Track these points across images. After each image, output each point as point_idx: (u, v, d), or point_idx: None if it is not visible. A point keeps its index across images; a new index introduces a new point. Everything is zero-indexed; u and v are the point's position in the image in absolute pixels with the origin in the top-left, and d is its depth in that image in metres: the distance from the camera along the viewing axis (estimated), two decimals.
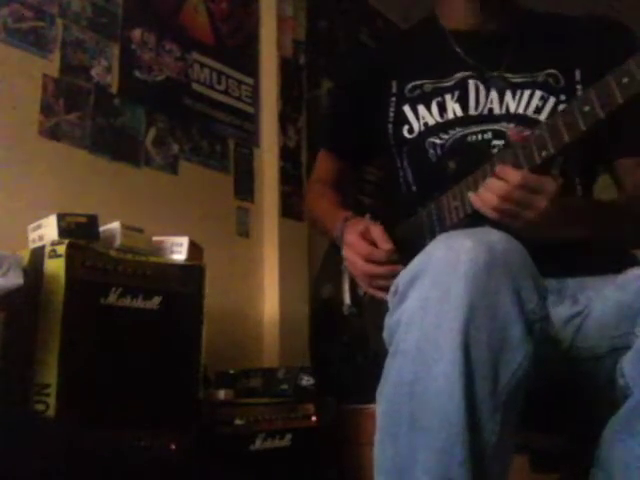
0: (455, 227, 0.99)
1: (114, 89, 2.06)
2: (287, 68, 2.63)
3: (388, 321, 0.81)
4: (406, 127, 1.18)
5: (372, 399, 0.80)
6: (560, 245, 0.98)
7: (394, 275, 1.04)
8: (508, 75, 1.13)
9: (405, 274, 0.79)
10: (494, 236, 0.76)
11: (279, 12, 2.64)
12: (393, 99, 1.20)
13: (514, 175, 0.90)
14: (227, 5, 2.53)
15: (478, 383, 0.70)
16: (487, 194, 0.93)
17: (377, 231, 1.07)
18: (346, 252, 1.12)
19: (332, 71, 2.93)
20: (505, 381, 0.71)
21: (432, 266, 0.75)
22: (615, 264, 0.96)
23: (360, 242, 1.08)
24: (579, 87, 1.10)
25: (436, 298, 0.73)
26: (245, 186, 2.45)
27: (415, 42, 1.27)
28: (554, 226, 0.94)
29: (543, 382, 0.76)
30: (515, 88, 1.12)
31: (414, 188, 1.18)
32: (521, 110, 1.10)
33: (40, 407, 1.25)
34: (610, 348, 0.86)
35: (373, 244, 1.07)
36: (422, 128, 1.15)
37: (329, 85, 2.93)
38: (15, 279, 1.21)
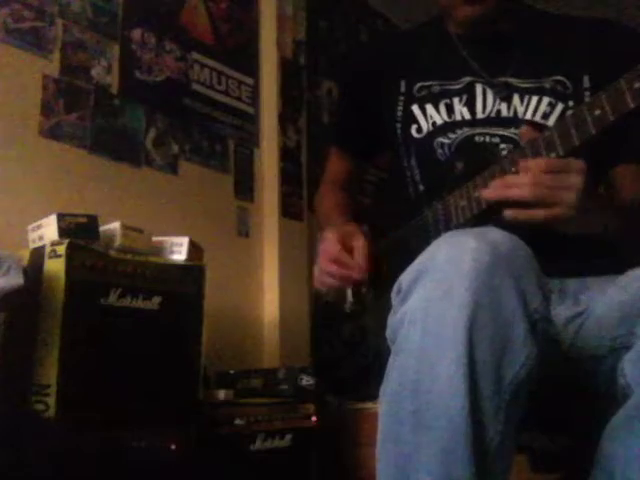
0: (461, 227, 0.99)
1: (114, 89, 2.05)
2: (287, 68, 2.63)
3: (391, 320, 0.81)
4: (414, 127, 1.18)
5: (373, 396, 0.80)
6: (561, 245, 0.98)
7: (343, 278, 1.06)
8: (514, 80, 1.12)
9: (408, 273, 0.79)
10: (498, 235, 0.76)
11: (279, 12, 2.64)
12: (401, 98, 1.20)
13: (535, 162, 0.88)
14: (227, 5, 2.53)
15: (482, 382, 0.69)
16: (515, 188, 0.89)
17: (360, 243, 1.09)
18: (320, 246, 1.13)
19: (332, 71, 2.94)
20: (509, 380, 0.71)
21: (435, 265, 0.75)
22: (616, 265, 0.96)
23: (334, 245, 1.10)
24: (587, 94, 1.09)
25: (439, 297, 0.72)
26: (245, 186, 2.45)
27: (422, 43, 1.26)
28: (590, 209, 0.90)
29: (544, 382, 0.76)
30: (523, 93, 1.11)
31: (421, 187, 1.18)
32: (529, 115, 1.10)
33: (40, 407, 1.25)
34: (611, 348, 0.86)
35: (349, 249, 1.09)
36: (430, 128, 1.15)
37: (329, 85, 2.93)
38: (15, 279, 1.21)
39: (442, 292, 0.73)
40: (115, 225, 1.46)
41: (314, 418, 1.72)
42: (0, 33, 1.78)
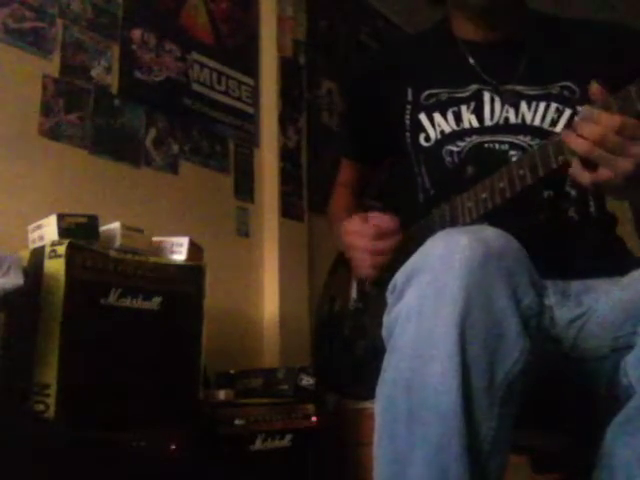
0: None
1: (114, 89, 2.05)
2: (287, 68, 2.63)
3: (386, 319, 0.82)
4: (423, 135, 1.18)
5: (373, 396, 0.80)
6: (562, 247, 0.98)
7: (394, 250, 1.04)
8: (522, 88, 1.12)
9: (403, 272, 0.79)
10: (490, 233, 0.77)
11: (279, 12, 2.64)
12: (408, 106, 1.20)
13: (610, 118, 0.81)
14: (227, 5, 2.53)
15: (474, 378, 0.70)
16: (577, 139, 0.84)
17: (377, 213, 1.09)
18: (347, 237, 1.12)
19: (332, 71, 2.94)
20: (501, 376, 0.71)
21: (429, 263, 0.76)
22: (618, 266, 0.96)
23: (363, 225, 1.08)
24: None
25: (432, 295, 0.73)
26: (245, 186, 2.45)
27: (429, 50, 1.26)
28: None
29: (545, 382, 0.76)
30: (530, 99, 1.11)
31: (432, 192, 1.19)
32: (537, 122, 1.10)
33: (40, 407, 1.25)
34: (613, 348, 0.86)
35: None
36: (439, 136, 1.15)
37: (329, 85, 2.93)
38: (15, 279, 1.21)
39: (435, 290, 0.73)
40: (115, 225, 1.46)
41: (314, 418, 1.72)
42: (0, 33, 1.78)
